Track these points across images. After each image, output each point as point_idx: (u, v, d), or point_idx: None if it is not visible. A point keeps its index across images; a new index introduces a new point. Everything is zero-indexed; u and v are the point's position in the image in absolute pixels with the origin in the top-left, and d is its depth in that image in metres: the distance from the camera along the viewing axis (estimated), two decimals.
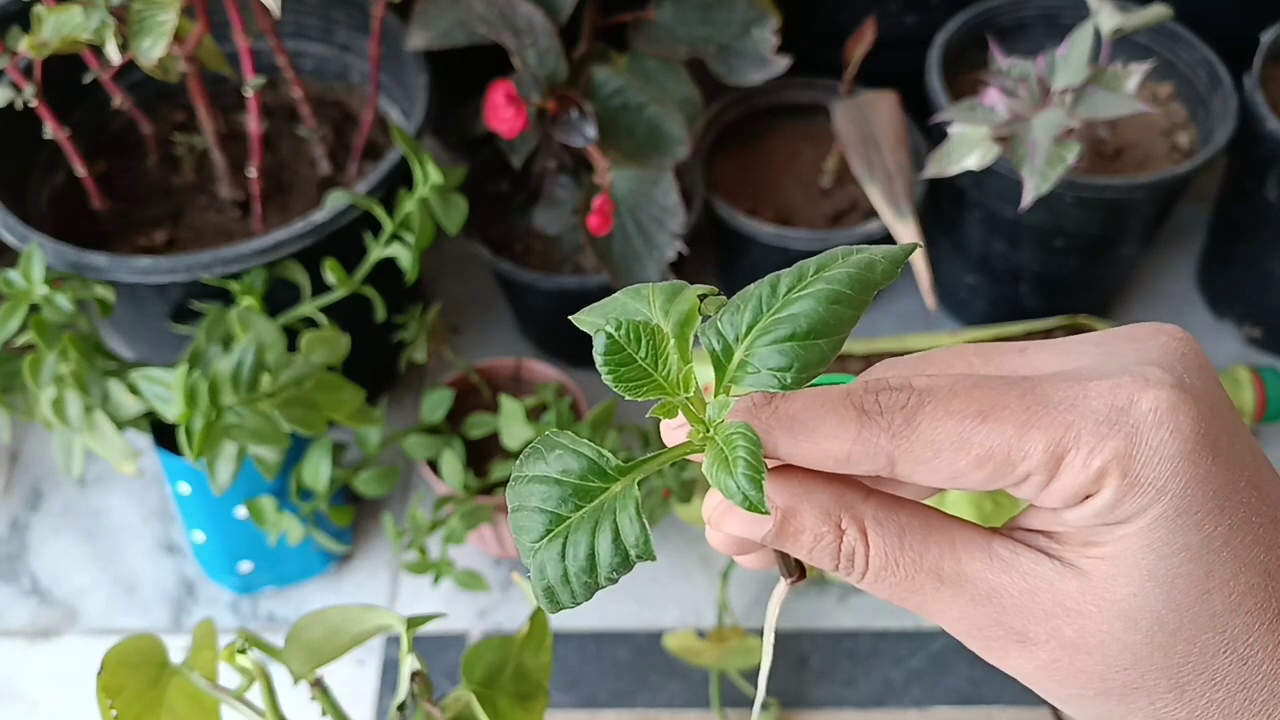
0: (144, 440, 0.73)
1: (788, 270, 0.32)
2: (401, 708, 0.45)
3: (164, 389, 0.65)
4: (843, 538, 0.31)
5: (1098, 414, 0.28)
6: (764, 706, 0.75)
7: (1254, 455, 0.30)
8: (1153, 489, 0.28)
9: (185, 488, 0.76)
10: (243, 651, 0.44)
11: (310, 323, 0.73)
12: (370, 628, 0.46)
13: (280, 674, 0.48)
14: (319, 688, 0.45)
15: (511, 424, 0.75)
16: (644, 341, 0.30)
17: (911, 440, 0.29)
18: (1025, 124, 0.73)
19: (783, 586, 0.35)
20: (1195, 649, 0.29)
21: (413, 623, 0.45)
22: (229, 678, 0.47)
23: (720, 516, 0.32)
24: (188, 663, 0.44)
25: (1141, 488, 0.28)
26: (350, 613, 0.47)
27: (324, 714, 0.47)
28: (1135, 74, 0.77)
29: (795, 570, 0.34)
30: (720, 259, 0.97)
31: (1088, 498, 0.29)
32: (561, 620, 0.81)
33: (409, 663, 0.45)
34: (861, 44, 0.84)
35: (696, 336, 0.33)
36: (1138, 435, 0.28)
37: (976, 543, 0.31)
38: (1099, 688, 0.30)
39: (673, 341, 0.31)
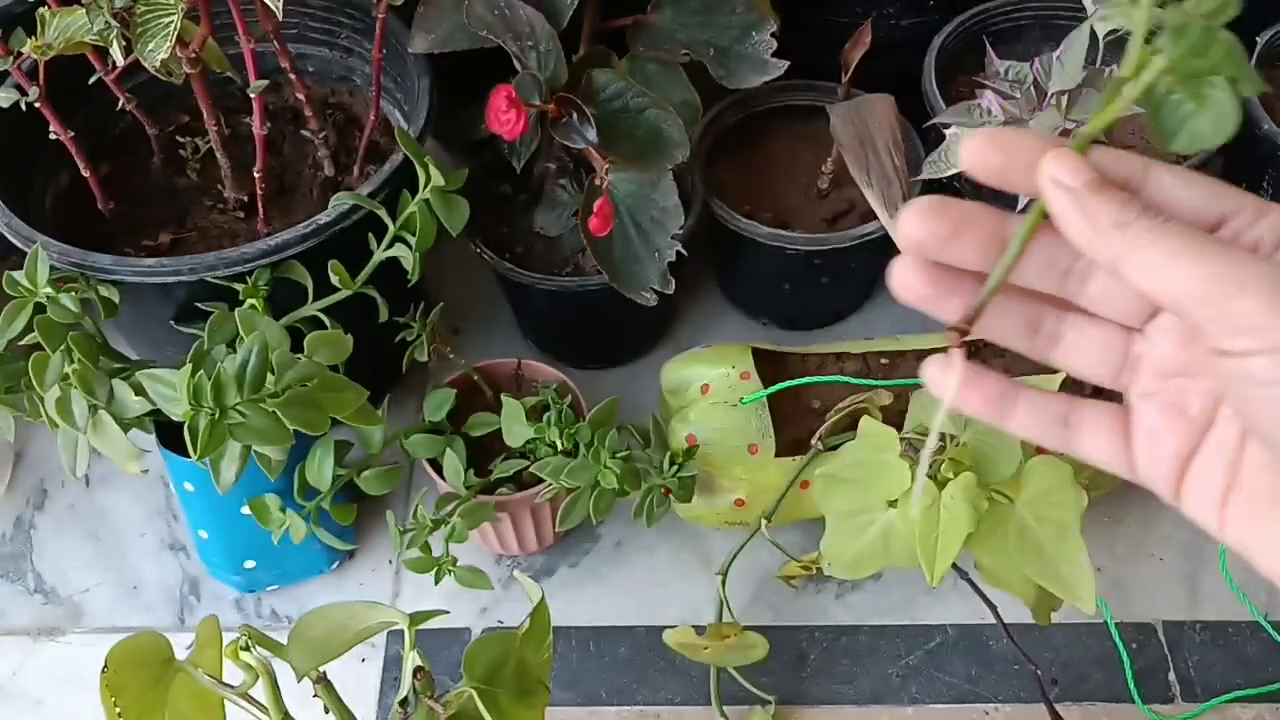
0: (148, 440, 0.73)
1: None
2: (404, 704, 0.46)
3: (168, 389, 0.66)
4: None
5: None
6: (763, 704, 0.76)
7: None
8: None
9: (189, 487, 0.77)
10: (246, 649, 0.44)
11: (314, 323, 0.74)
12: (373, 625, 0.47)
13: (284, 671, 0.48)
14: (322, 684, 0.45)
15: (513, 423, 0.76)
16: None
17: None
18: (1021, 126, 0.74)
19: (956, 356, 0.37)
20: None
21: (415, 619, 0.46)
22: (233, 675, 0.48)
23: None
24: (191, 660, 0.44)
25: None
26: (353, 610, 0.47)
27: (327, 711, 0.47)
28: None
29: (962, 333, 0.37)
30: (719, 260, 0.97)
31: None
32: (561, 617, 0.82)
33: (411, 659, 0.46)
34: (859, 47, 0.84)
35: None
36: None
37: None
38: None
39: None
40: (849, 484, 0.67)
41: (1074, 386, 0.81)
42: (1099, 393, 0.41)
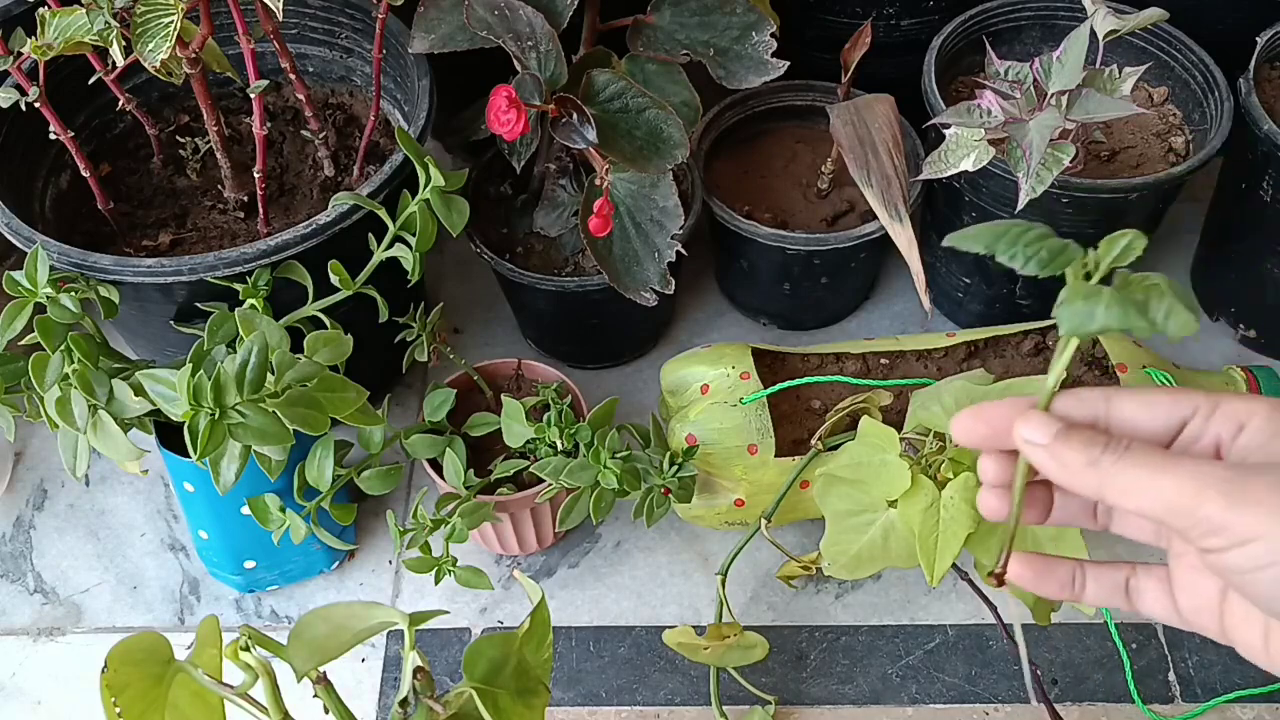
0: (148, 440, 0.73)
1: None
2: (404, 704, 0.46)
3: (168, 389, 0.66)
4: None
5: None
6: (763, 704, 0.76)
7: None
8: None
9: (189, 487, 0.77)
10: (246, 649, 0.44)
11: (314, 323, 0.74)
12: (373, 625, 0.47)
13: (284, 671, 0.48)
14: (323, 684, 0.45)
15: (513, 423, 0.76)
16: None
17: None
18: (1021, 126, 0.74)
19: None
20: None
21: (415, 619, 0.46)
22: (233, 675, 0.48)
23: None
24: (192, 660, 0.44)
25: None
26: (354, 610, 0.47)
27: (327, 711, 0.47)
28: (1130, 76, 0.77)
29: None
30: (718, 260, 0.97)
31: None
32: (561, 617, 0.82)
33: (411, 659, 0.46)
34: (858, 48, 0.84)
35: None
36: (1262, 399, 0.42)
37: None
38: None
39: None
40: (849, 484, 0.67)
41: (1073, 386, 0.81)
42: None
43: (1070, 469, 0.42)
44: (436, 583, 0.75)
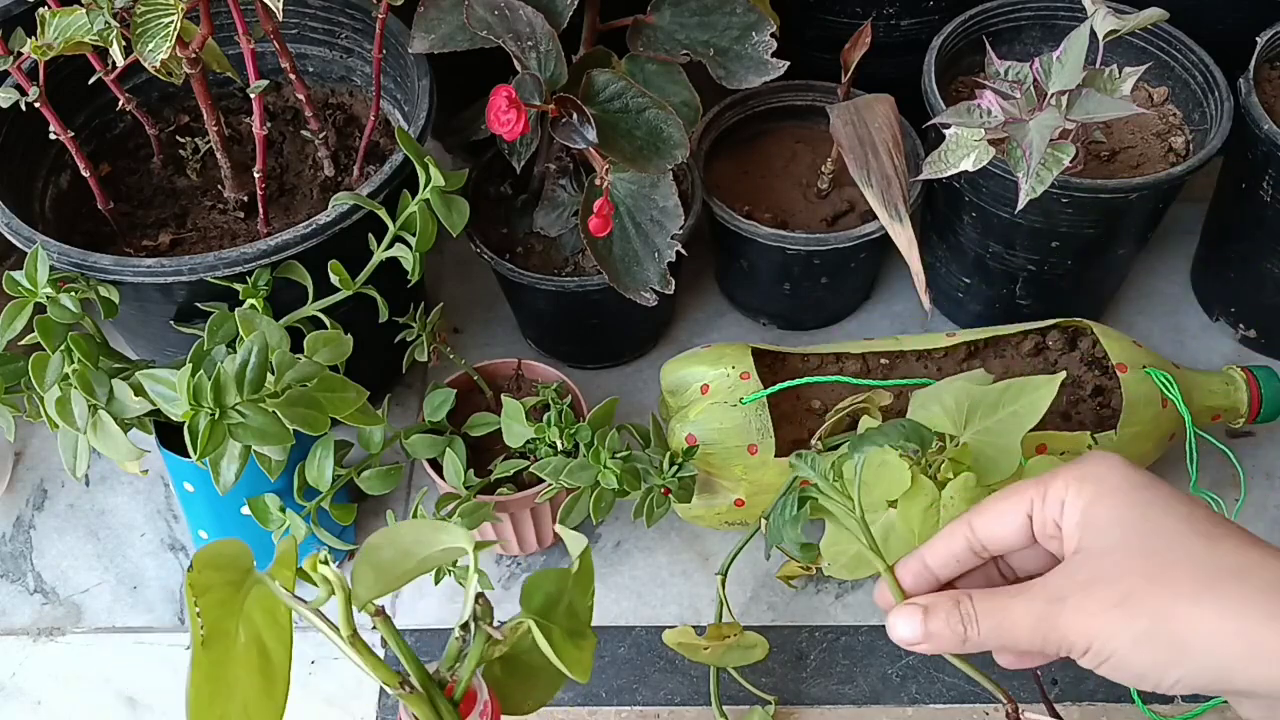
0: (148, 440, 0.73)
1: None
2: (465, 627, 0.47)
3: (168, 389, 0.66)
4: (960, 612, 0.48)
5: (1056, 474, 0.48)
6: (763, 704, 0.76)
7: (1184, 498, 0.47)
8: (1094, 483, 0.47)
9: (189, 487, 0.77)
10: (325, 562, 0.44)
11: (314, 323, 0.74)
12: (438, 552, 0.46)
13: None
14: (380, 617, 0.45)
15: (513, 423, 0.76)
16: None
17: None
18: (1021, 126, 0.74)
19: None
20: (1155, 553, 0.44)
21: (479, 546, 0.47)
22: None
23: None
24: (270, 573, 0.44)
25: (1088, 482, 0.47)
26: (420, 532, 0.47)
27: (383, 644, 0.47)
28: (1130, 76, 0.77)
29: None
30: (718, 261, 0.97)
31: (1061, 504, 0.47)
32: None
33: (473, 585, 0.46)
34: (858, 48, 0.84)
35: None
36: (1084, 464, 0.48)
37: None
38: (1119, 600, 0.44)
39: None
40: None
41: (1072, 387, 0.81)
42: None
43: (950, 646, 0.47)
44: (436, 582, 0.75)
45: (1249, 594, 0.42)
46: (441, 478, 0.77)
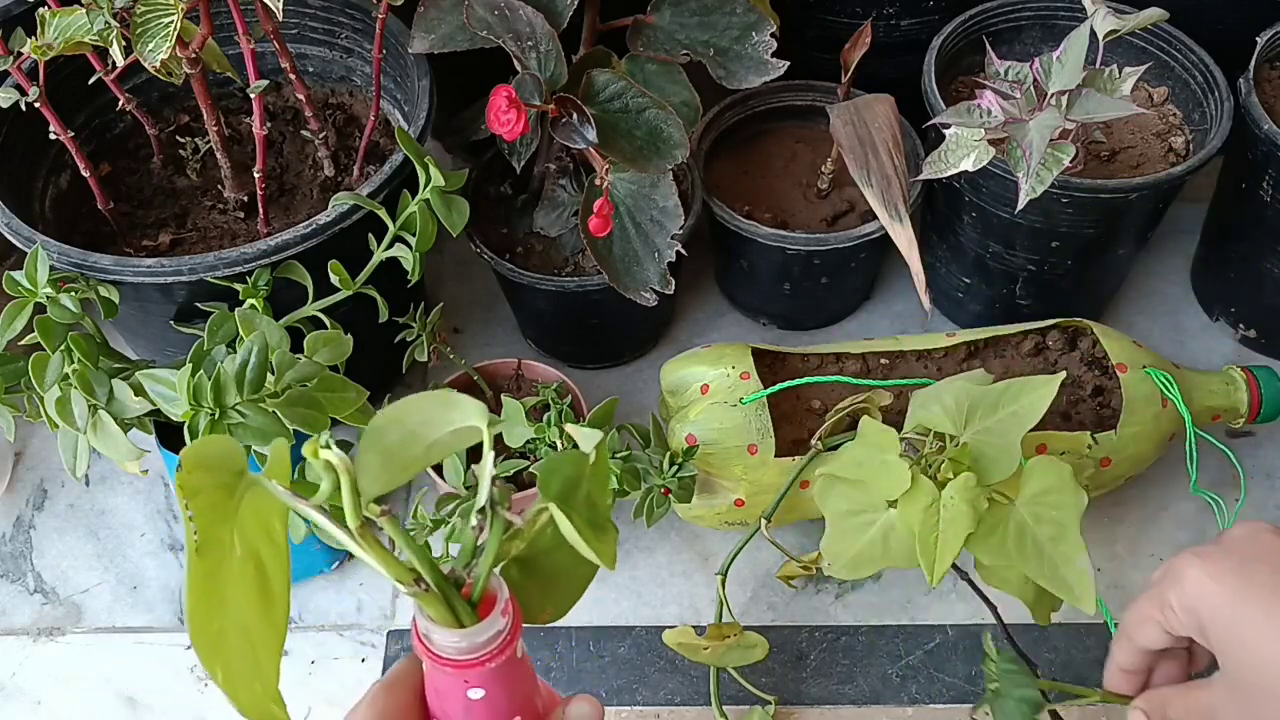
0: (148, 440, 0.73)
1: None
2: (482, 511, 0.43)
3: (168, 389, 0.66)
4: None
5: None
6: (763, 704, 0.76)
7: None
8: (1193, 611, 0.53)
9: None
10: (328, 446, 0.39)
11: (314, 323, 0.74)
12: (448, 434, 0.42)
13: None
14: (387, 516, 0.41)
15: (513, 423, 0.76)
16: None
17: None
18: (1020, 126, 0.74)
19: None
20: None
21: (493, 423, 0.42)
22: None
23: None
24: (266, 473, 0.40)
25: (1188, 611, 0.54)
26: (428, 409, 0.42)
27: (392, 545, 0.44)
28: (1130, 76, 0.77)
29: None
30: (718, 260, 0.97)
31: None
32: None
33: (489, 466, 0.42)
34: (858, 48, 0.84)
35: None
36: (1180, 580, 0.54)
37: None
38: None
39: None
40: (849, 484, 0.67)
41: (1072, 387, 0.81)
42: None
43: None
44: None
45: None
46: (441, 478, 0.77)
